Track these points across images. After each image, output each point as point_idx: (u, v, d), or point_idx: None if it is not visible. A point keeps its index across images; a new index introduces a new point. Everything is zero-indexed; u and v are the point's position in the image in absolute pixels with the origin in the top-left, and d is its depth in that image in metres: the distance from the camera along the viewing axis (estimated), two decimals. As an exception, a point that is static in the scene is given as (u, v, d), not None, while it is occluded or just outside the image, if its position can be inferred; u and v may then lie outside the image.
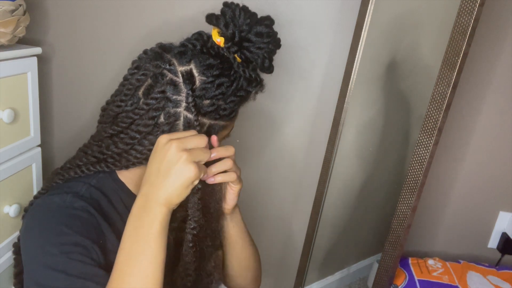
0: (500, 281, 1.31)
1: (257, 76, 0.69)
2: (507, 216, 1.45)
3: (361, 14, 1.12)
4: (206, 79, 0.63)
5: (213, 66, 0.63)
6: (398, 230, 1.09)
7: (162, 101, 0.62)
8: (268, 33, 0.68)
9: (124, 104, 0.64)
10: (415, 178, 1.02)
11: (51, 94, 1.16)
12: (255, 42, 0.67)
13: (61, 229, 0.59)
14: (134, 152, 0.64)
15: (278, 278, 1.53)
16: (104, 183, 0.67)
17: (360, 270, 1.74)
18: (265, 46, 0.68)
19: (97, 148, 0.67)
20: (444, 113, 0.95)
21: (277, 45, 0.71)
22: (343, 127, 1.25)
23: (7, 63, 0.85)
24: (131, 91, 0.64)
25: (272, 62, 0.71)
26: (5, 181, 0.89)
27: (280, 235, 1.46)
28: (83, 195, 0.64)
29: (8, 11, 0.84)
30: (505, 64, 1.28)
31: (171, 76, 0.62)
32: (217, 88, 0.63)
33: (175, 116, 0.62)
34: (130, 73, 0.67)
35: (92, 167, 0.66)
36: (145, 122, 0.63)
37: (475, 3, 0.86)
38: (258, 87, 0.70)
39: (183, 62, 0.63)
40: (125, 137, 0.64)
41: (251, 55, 0.68)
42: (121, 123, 0.64)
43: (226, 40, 0.66)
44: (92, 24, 1.10)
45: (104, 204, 0.66)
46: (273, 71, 0.71)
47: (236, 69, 0.65)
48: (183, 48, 0.64)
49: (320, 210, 1.37)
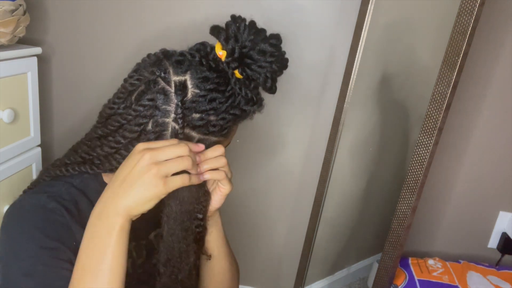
0: (500, 281, 1.31)
1: (255, 96, 0.66)
2: (507, 216, 1.45)
3: (361, 14, 1.12)
4: (199, 92, 0.60)
5: (208, 79, 0.61)
6: (398, 230, 1.09)
7: (150, 109, 0.60)
8: (273, 53, 0.65)
9: (117, 106, 0.63)
10: (415, 178, 1.02)
11: (51, 94, 1.16)
12: (257, 60, 0.64)
13: (32, 233, 0.58)
14: (118, 157, 0.63)
15: (278, 278, 1.53)
16: (88, 184, 0.66)
17: (360, 270, 1.74)
18: (268, 66, 0.65)
19: (86, 148, 0.66)
20: (444, 113, 0.95)
21: (282, 66, 0.68)
22: (343, 127, 1.25)
23: (7, 63, 0.85)
24: (124, 95, 0.63)
25: (275, 83, 0.68)
26: (5, 181, 0.89)
27: (280, 235, 1.46)
28: (61, 196, 0.63)
29: (8, 11, 0.84)
30: (505, 64, 1.29)
31: (163, 85, 0.61)
32: (208, 103, 0.61)
33: (163, 126, 0.61)
34: (129, 76, 0.65)
35: (77, 167, 0.65)
36: (131, 128, 0.61)
37: (475, 3, 0.86)
38: (256, 107, 0.67)
39: (178, 71, 0.61)
40: (111, 140, 0.63)
41: (252, 73, 0.65)
42: (110, 126, 0.63)
43: (228, 55, 0.64)
44: (92, 24, 1.10)
45: (83, 206, 0.64)
46: (276, 92, 0.68)
47: (233, 85, 0.63)
48: (181, 58, 0.62)
49: (320, 210, 1.37)
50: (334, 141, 1.26)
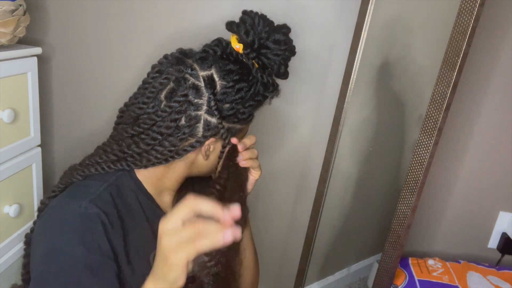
0: (500, 281, 1.31)
1: (274, 82, 0.72)
2: (507, 216, 1.45)
3: (361, 14, 1.12)
4: (226, 84, 0.65)
5: (233, 71, 0.66)
6: (398, 230, 1.09)
7: (184, 104, 0.64)
8: (285, 41, 0.72)
9: (146, 106, 0.66)
10: (415, 178, 1.02)
11: (51, 94, 1.16)
12: (273, 49, 0.71)
13: (71, 240, 0.58)
14: (154, 153, 0.66)
15: (278, 278, 1.53)
16: (123, 181, 0.68)
17: (360, 270, 1.74)
18: (282, 53, 0.72)
19: (118, 147, 0.68)
20: (444, 113, 0.95)
21: (292, 52, 0.74)
22: (343, 127, 1.25)
23: (7, 63, 0.85)
24: (153, 94, 0.66)
25: (287, 69, 0.74)
26: (5, 181, 0.89)
27: (280, 235, 1.46)
28: (100, 196, 0.63)
29: (8, 11, 0.84)
30: (505, 64, 1.28)
31: (193, 80, 0.64)
32: (237, 93, 0.66)
33: (196, 119, 0.65)
34: (151, 77, 0.68)
35: (112, 165, 0.67)
36: (167, 124, 0.64)
37: (475, 3, 0.86)
38: (275, 92, 0.73)
39: (204, 67, 0.65)
40: (146, 138, 0.65)
41: (268, 61, 0.71)
42: (142, 124, 0.66)
43: (245, 47, 0.69)
44: (92, 24, 1.10)
45: (120, 203, 0.65)
46: (288, 77, 0.75)
47: (254, 74, 0.68)
48: (204, 54, 0.67)
49: (320, 210, 1.37)
50: (334, 141, 1.26)
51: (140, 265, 0.65)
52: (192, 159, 0.70)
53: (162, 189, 0.73)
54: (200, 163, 0.71)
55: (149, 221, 0.70)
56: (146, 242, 0.67)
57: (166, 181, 0.72)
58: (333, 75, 1.22)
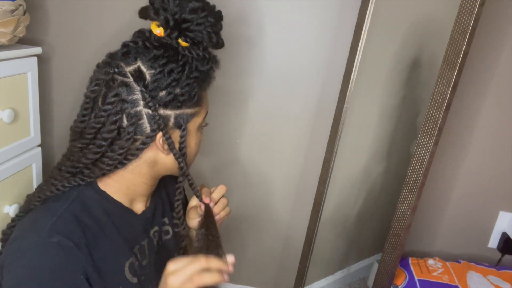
0: (500, 281, 1.31)
1: (206, 54, 0.67)
2: (507, 216, 1.45)
3: (361, 14, 1.12)
4: (155, 71, 0.63)
5: (158, 56, 0.63)
6: (398, 230, 1.09)
7: (119, 104, 0.62)
8: (203, 7, 0.66)
9: (88, 118, 0.65)
10: (415, 178, 1.02)
11: (51, 94, 1.16)
12: (192, 20, 0.66)
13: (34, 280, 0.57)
14: (106, 160, 0.65)
15: (278, 278, 1.53)
16: (86, 194, 0.67)
17: (360, 270, 1.74)
18: (204, 21, 0.66)
19: (70, 163, 0.67)
20: (444, 113, 0.95)
21: (218, 17, 0.69)
22: (343, 127, 1.25)
23: (7, 63, 0.85)
24: (90, 104, 0.65)
25: (219, 36, 0.69)
26: (5, 181, 0.89)
27: (280, 235, 1.46)
28: (61, 218, 0.62)
29: (8, 11, 0.84)
30: (505, 64, 1.28)
31: (121, 78, 0.63)
32: (168, 76, 0.63)
33: (137, 115, 0.63)
34: (89, 90, 0.66)
35: (67, 183, 0.65)
36: (108, 128, 0.63)
37: (475, 3, 0.86)
38: (211, 64, 0.68)
39: (129, 62, 0.63)
40: (93, 147, 0.64)
41: (194, 34, 0.66)
42: (87, 135, 0.65)
43: (165, 29, 0.66)
44: (92, 24, 1.10)
45: (85, 218, 0.64)
46: (224, 44, 0.70)
47: (182, 52, 0.65)
48: (125, 49, 0.64)
49: (320, 210, 1.37)
50: (334, 141, 1.26)
51: (114, 277, 0.65)
52: (153, 158, 0.68)
53: (134, 197, 0.72)
54: (163, 160, 0.69)
55: (119, 229, 0.69)
56: (117, 252, 0.67)
57: (136, 187, 0.70)
58: (333, 75, 1.22)
